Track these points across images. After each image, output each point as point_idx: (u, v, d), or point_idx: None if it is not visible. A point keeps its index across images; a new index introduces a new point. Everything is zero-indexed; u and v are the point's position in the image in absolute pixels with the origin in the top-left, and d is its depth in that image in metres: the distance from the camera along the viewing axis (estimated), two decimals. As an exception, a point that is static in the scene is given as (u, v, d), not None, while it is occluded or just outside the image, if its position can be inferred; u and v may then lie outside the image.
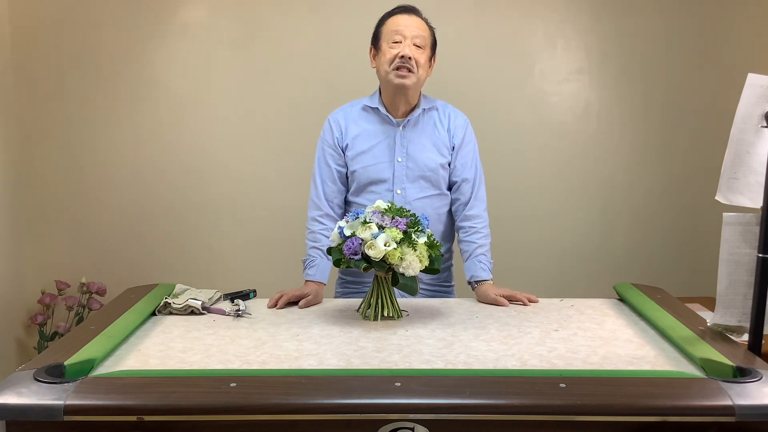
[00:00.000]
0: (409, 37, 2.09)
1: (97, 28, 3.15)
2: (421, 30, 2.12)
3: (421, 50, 2.11)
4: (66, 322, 3.17)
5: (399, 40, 2.10)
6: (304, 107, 3.18)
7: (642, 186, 3.34)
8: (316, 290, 2.07)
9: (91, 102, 3.19)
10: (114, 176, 3.24)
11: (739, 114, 1.57)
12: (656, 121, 3.30)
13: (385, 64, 2.11)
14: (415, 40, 2.10)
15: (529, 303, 2.03)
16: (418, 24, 2.13)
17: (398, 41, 2.10)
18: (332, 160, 2.21)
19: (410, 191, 2.18)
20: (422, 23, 2.15)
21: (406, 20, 2.12)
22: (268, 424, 1.29)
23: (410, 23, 2.12)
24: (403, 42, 2.09)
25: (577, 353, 1.59)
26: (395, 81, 2.10)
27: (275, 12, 3.18)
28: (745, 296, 1.60)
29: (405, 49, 2.08)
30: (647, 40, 3.24)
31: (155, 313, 1.91)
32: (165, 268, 3.27)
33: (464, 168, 2.22)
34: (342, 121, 2.22)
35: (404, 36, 2.09)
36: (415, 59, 2.09)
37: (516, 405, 1.29)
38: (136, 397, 1.29)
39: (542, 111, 3.28)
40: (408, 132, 2.19)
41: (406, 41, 2.09)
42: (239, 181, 3.28)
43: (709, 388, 1.32)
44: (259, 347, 1.63)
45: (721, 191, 1.60)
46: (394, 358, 1.55)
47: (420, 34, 2.11)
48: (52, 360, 1.44)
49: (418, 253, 1.78)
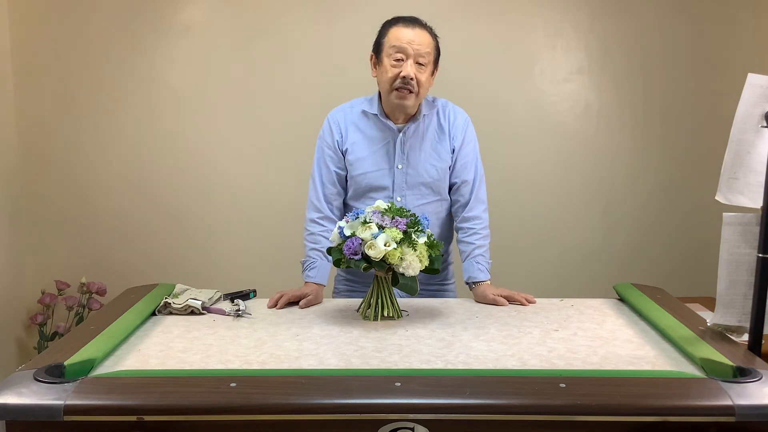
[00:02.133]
0: (412, 55, 2.01)
1: (97, 29, 3.16)
2: (424, 45, 2.03)
3: (423, 68, 2.03)
4: (66, 322, 3.17)
5: (401, 58, 2.02)
6: (304, 107, 3.18)
7: (642, 186, 3.34)
8: (316, 291, 2.07)
9: (92, 102, 3.20)
10: (114, 176, 3.25)
11: (739, 114, 1.57)
12: (656, 121, 3.30)
13: (386, 82, 2.05)
14: (418, 58, 2.02)
15: (527, 303, 2.03)
16: (422, 39, 2.03)
17: (400, 59, 2.02)
18: (332, 162, 2.19)
19: (410, 198, 2.16)
20: (426, 36, 2.05)
21: (409, 35, 2.02)
22: (268, 424, 1.29)
23: (414, 38, 2.02)
24: (405, 61, 2.01)
25: (577, 353, 1.59)
26: (395, 101, 2.06)
27: (275, 12, 3.18)
28: (745, 296, 1.60)
29: (407, 68, 2.00)
30: (647, 40, 3.24)
31: (155, 313, 1.91)
32: (165, 268, 3.27)
33: (464, 169, 2.19)
34: (342, 122, 2.18)
35: (407, 54, 2.01)
36: (417, 79, 2.02)
37: (516, 405, 1.29)
38: (136, 397, 1.29)
39: (542, 111, 3.28)
40: (408, 138, 2.14)
41: (409, 60, 2.01)
42: (239, 181, 3.28)
43: (709, 388, 1.32)
44: (259, 347, 1.63)
45: (721, 191, 1.60)
46: (394, 358, 1.55)
47: (423, 51, 2.02)
48: (52, 360, 1.44)
49: (418, 253, 1.78)
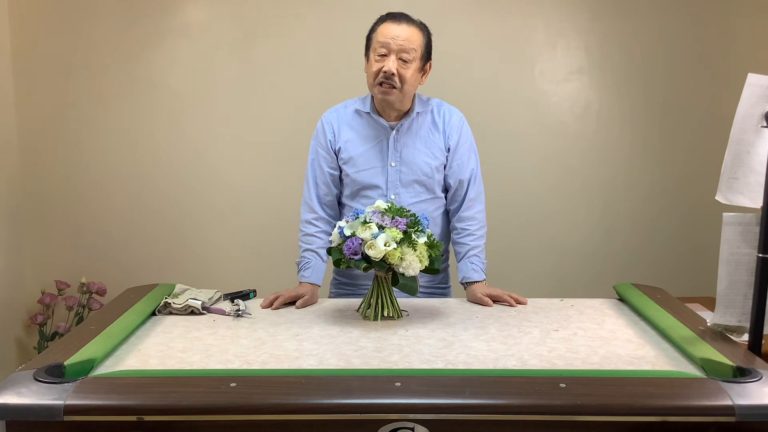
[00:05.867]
0: (396, 50, 2.00)
1: (97, 29, 3.16)
2: (409, 41, 2.01)
3: (407, 65, 2.02)
4: (66, 322, 3.17)
5: (384, 53, 2.01)
6: (303, 108, 3.17)
7: (642, 186, 3.34)
8: (312, 291, 2.07)
9: (91, 102, 3.20)
10: (114, 176, 3.25)
11: (739, 114, 1.57)
12: (656, 121, 3.30)
13: (370, 77, 2.06)
14: (401, 54, 2.00)
15: (516, 304, 2.01)
16: (407, 35, 2.01)
17: (384, 54, 2.01)
18: (325, 162, 2.19)
19: (404, 196, 2.16)
20: (412, 32, 2.03)
21: (395, 30, 2.01)
22: (268, 424, 1.29)
23: (399, 34, 2.00)
24: (388, 56, 2.01)
25: (577, 353, 1.59)
26: (378, 96, 2.07)
27: (275, 12, 3.18)
28: (745, 296, 1.60)
29: (389, 64, 2.00)
30: (647, 41, 3.24)
31: (155, 313, 1.91)
32: (165, 268, 3.27)
33: (460, 169, 2.18)
34: (335, 122, 2.18)
35: (390, 49, 2.00)
36: (400, 75, 2.01)
37: (516, 405, 1.29)
38: (136, 397, 1.29)
39: (542, 111, 3.28)
40: (401, 136, 2.14)
41: (391, 56, 2.00)
42: (239, 181, 3.28)
43: (709, 388, 1.32)
44: (259, 347, 1.63)
45: (721, 191, 1.60)
46: (394, 358, 1.55)
47: (408, 47, 2.01)
48: (52, 360, 1.44)
49: (418, 253, 1.78)
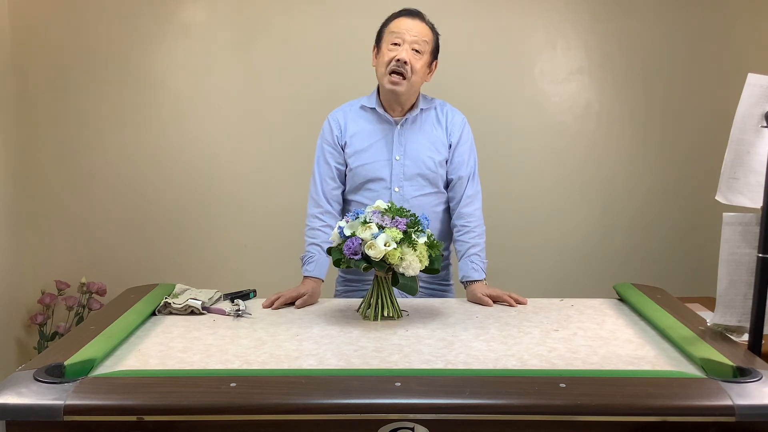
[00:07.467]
0: (409, 41, 2.10)
1: (97, 28, 3.15)
2: (422, 35, 2.12)
3: (419, 55, 2.12)
4: (66, 322, 3.17)
5: (398, 43, 2.11)
6: (304, 107, 3.18)
7: (642, 186, 3.34)
8: (313, 288, 2.07)
9: (91, 102, 3.19)
10: (114, 176, 3.24)
11: (739, 114, 1.57)
12: (656, 121, 3.30)
13: (382, 66, 2.14)
14: (414, 45, 2.11)
15: (516, 304, 2.02)
16: (420, 29, 2.13)
17: (397, 44, 2.11)
18: (332, 158, 2.23)
19: (408, 189, 2.20)
20: (425, 28, 2.15)
21: (408, 24, 2.12)
22: (268, 424, 1.29)
23: (412, 27, 2.12)
24: (402, 45, 2.10)
25: (577, 353, 1.59)
26: (387, 86, 2.13)
27: (275, 12, 3.18)
28: (745, 296, 1.60)
29: (402, 53, 2.09)
30: (647, 40, 3.24)
31: (155, 313, 1.91)
32: (165, 268, 3.26)
33: (460, 166, 2.23)
34: (341, 119, 2.24)
35: (403, 39, 2.10)
36: (411, 64, 2.10)
37: (516, 405, 1.29)
38: (136, 397, 1.29)
39: (542, 111, 3.28)
40: (406, 131, 2.21)
41: (405, 45, 2.10)
42: (239, 181, 3.28)
43: (709, 388, 1.32)
44: (259, 347, 1.63)
45: (721, 191, 1.60)
46: (394, 358, 1.55)
47: (420, 39, 2.12)
48: (52, 360, 1.44)
49: (418, 253, 1.78)
